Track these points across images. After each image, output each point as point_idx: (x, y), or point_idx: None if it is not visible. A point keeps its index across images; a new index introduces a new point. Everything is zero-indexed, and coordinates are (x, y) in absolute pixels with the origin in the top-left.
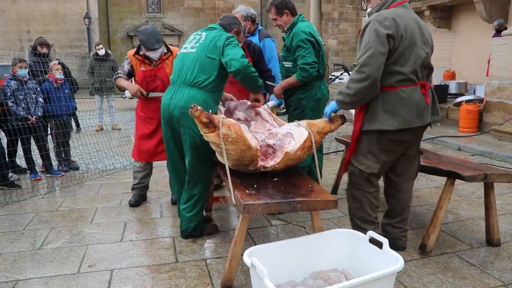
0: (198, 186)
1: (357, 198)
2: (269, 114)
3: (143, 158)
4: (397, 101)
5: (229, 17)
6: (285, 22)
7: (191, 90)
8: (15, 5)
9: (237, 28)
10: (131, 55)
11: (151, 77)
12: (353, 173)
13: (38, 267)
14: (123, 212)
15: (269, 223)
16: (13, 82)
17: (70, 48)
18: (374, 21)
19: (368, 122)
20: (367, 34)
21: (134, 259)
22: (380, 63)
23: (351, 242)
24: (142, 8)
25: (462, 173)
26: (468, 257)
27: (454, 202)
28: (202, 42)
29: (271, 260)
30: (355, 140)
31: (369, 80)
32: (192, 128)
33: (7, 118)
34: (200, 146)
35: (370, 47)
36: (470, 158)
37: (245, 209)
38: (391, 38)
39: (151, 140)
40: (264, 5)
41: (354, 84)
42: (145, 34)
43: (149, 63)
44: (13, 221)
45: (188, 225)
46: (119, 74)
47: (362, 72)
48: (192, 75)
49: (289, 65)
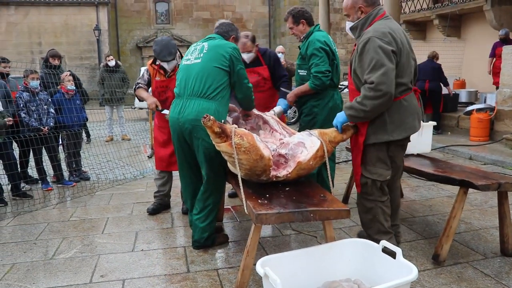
0: (212, 196)
1: (370, 210)
2: (277, 122)
3: (158, 166)
4: (402, 110)
5: (226, 24)
6: (301, 31)
7: (201, 101)
8: (27, 18)
9: (234, 34)
10: (149, 64)
11: (163, 88)
12: (365, 185)
13: (51, 277)
14: (134, 222)
15: (280, 233)
16: (25, 94)
17: (80, 59)
18: (374, 38)
19: (374, 134)
20: (371, 52)
21: (146, 269)
22: (393, 79)
23: (364, 251)
24: (151, 20)
25: (476, 182)
26: (482, 267)
27: (466, 211)
28: (206, 52)
29: (284, 270)
30: (360, 153)
31: (386, 97)
32: (206, 140)
33: (19, 129)
34: (214, 157)
35: (382, 64)
36: (482, 167)
37: (257, 218)
38: (394, 53)
39: (166, 148)
40: (273, 15)
41: (370, 101)
42: (159, 45)
43: (163, 74)
44: (26, 231)
45: (201, 236)
46: (140, 84)
47: (379, 90)
48: (201, 86)
49: (303, 73)
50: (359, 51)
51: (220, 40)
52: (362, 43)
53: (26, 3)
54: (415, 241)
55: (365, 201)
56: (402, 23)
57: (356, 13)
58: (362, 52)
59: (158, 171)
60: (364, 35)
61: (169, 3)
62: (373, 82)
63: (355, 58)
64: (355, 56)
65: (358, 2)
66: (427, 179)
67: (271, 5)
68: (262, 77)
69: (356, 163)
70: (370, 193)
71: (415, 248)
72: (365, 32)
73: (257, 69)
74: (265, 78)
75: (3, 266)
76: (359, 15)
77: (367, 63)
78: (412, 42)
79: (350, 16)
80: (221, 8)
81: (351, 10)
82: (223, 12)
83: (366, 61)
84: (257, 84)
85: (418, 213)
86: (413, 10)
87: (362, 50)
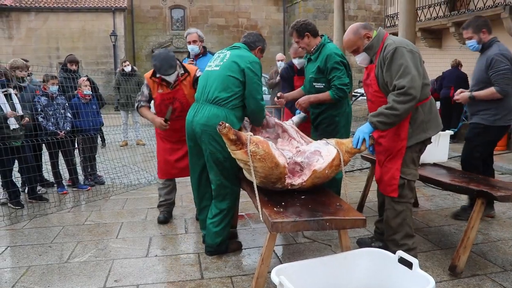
0: (227, 201)
1: (400, 213)
2: (296, 131)
3: (164, 175)
4: (433, 109)
5: (253, 34)
6: (307, 44)
7: (212, 107)
8: (46, 24)
9: (261, 45)
10: (148, 78)
11: (169, 99)
12: (401, 187)
13: (65, 281)
14: (148, 227)
15: (294, 241)
16: (43, 98)
17: (97, 64)
18: (400, 48)
19: (414, 136)
20: (399, 60)
21: (160, 274)
22: (420, 85)
23: (380, 261)
24: (166, 26)
25: (495, 193)
26: (501, 280)
27: (483, 222)
28: (226, 61)
29: (298, 278)
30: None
31: (415, 101)
32: (212, 144)
33: (37, 133)
34: (222, 161)
35: (410, 71)
36: (500, 177)
37: (273, 227)
38: (419, 58)
39: (171, 156)
40: (287, 22)
41: (402, 105)
42: (158, 60)
43: (167, 85)
44: (41, 234)
45: (214, 240)
46: (141, 103)
47: (409, 94)
48: (214, 93)
49: (320, 86)
50: (388, 61)
51: (244, 50)
52: (390, 53)
53: (46, 9)
54: (430, 251)
55: (397, 205)
56: (418, 31)
57: (363, 42)
58: (391, 62)
59: (163, 180)
60: (387, 47)
61: (184, 10)
62: (404, 86)
63: (382, 70)
64: (382, 69)
65: (361, 32)
66: (443, 189)
67: (286, 12)
68: None
69: (396, 167)
70: (404, 195)
71: (431, 258)
72: (387, 45)
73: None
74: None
75: (19, 269)
76: (367, 41)
77: (396, 70)
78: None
79: (359, 48)
80: (236, 14)
81: (358, 42)
82: (238, 18)
83: (395, 69)
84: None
85: (433, 223)
86: (429, 18)
87: (391, 59)
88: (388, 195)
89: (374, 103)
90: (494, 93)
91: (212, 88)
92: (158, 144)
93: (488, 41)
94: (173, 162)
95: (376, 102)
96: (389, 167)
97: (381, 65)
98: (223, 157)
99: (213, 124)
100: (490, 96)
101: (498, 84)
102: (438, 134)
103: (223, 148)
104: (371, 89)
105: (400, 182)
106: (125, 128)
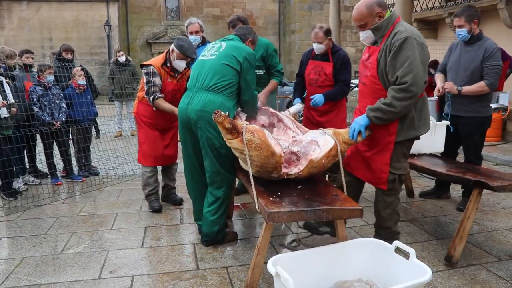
0: (223, 188)
1: (390, 204)
2: (292, 121)
3: (151, 163)
4: (426, 106)
5: (244, 27)
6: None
7: (208, 94)
8: (38, 13)
9: (251, 38)
10: (159, 66)
11: (176, 90)
12: (392, 181)
13: (60, 272)
14: (143, 218)
15: (290, 231)
16: (38, 88)
17: (91, 55)
18: (412, 39)
19: (404, 131)
20: (408, 51)
21: (155, 265)
22: (422, 82)
23: (376, 252)
24: (161, 16)
25: (491, 183)
26: (496, 269)
27: (478, 212)
28: (222, 51)
29: (295, 269)
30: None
31: (415, 99)
32: (209, 130)
33: (30, 123)
34: (218, 147)
35: (417, 66)
36: (494, 167)
37: (269, 217)
38: (428, 53)
39: (159, 144)
40: (283, 13)
41: (400, 103)
42: (187, 42)
43: (173, 76)
44: (35, 225)
45: (211, 229)
46: (157, 95)
47: (410, 91)
48: (212, 81)
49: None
50: (396, 49)
51: (238, 42)
52: (399, 42)
53: None
54: (426, 241)
55: (387, 197)
56: (414, 22)
57: (374, 19)
58: (398, 51)
59: (149, 168)
60: (397, 34)
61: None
62: (406, 82)
63: (386, 57)
64: (386, 55)
65: (375, 8)
66: (440, 179)
67: (281, 2)
68: (324, 72)
69: (384, 162)
70: (395, 189)
71: (427, 248)
72: (398, 32)
73: (322, 63)
74: (326, 74)
75: (13, 260)
76: (377, 20)
77: (402, 62)
78: None
79: (368, 24)
80: (231, 4)
81: (368, 18)
82: (233, 8)
83: (401, 60)
84: (318, 78)
85: (429, 213)
86: (425, 9)
87: (399, 48)
88: (377, 187)
89: (367, 87)
90: (483, 87)
91: (208, 76)
92: (146, 132)
93: (478, 33)
94: (162, 149)
95: (369, 86)
96: (377, 160)
97: (387, 51)
98: (219, 143)
99: (210, 110)
100: (479, 91)
101: (490, 78)
102: (435, 124)
103: (219, 134)
104: (368, 73)
105: (390, 178)
106: (120, 119)
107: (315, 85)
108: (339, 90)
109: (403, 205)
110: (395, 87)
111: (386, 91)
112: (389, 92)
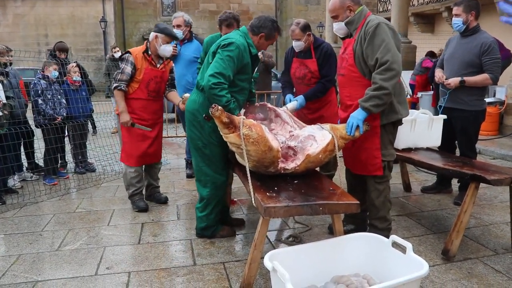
0: (208, 189)
1: (382, 192)
2: (290, 116)
3: (137, 163)
4: (402, 90)
5: (263, 18)
6: None
7: (193, 93)
8: (34, 10)
9: (265, 32)
10: (139, 54)
11: (158, 78)
12: (384, 169)
13: (57, 269)
14: (140, 214)
15: (287, 226)
16: (42, 82)
17: (87, 51)
18: (382, 24)
19: (386, 115)
20: (382, 35)
21: (152, 261)
22: (401, 60)
23: (373, 246)
24: (157, 12)
25: (488, 177)
26: (493, 263)
27: (475, 206)
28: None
29: (292, 264)
30: (378, 136)
31: (399, 76)
32: (191, 130)
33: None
34: (201, 147)
35: (392, 46)
36: (491, 161)
37: (266, 212)
38: (399, 40)
39: (143, 143)
40: (279, 8)
41: (389, 82)
42: (165, 25)
43: (155, 65)
44: (32, 222)
45: (199, 224)
46: (121, 86)
47: (392, 69)
48: (199, 78)
49: None
50: (371, 35)
51: (235, 32)
52: (372, 28)
53: None
54: (423, 235)
55: (379, 185)
56: (411, 16)
57: (345, 13)
58: (373, 36)
59: (134, 168)
60: (369, 23)
61: None
62: (388, 60)
63: (362, 45)
64: (362, 44)
65: (346, 2)
66: (437, 173)
67: None
68: (309, 70)
69: (375, 147)
70: (386, 175)
71: (424, 243)
72: (369, 21)
73: (306, 61)
74: (311, 72)
75: (9, 257)
76: (348, 13)
77: (378, 45)
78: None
79: (339, 16)
80: (227, 0)
81: (340, 10)
82: (229, 4)
83: (377, 43)
84: (304, 77)
85: (426, 207)
86: (422, 3)
87: (373, 34)
88: (370, 174)
89: (345, 77)
90: (487, 79)
91: (201, 73)
92: (129, 130)
93: (474, 26)
94: (145, 148)
95: (347, 76)
96: (367, 147)
97: (362, 40)
98: (202, 144)
99: (191, 110)
100: (482, 82)
101: (493, 72)
102: (431, 118)
103: (202, 134)
104: (346, 63)
105: (383, 164)
106: (116, 115)
107: (302, 83)
108: (319, 87)
109: (400, 199)
110: (378, 70)
111: (364, 78)
112: (373, 78)
